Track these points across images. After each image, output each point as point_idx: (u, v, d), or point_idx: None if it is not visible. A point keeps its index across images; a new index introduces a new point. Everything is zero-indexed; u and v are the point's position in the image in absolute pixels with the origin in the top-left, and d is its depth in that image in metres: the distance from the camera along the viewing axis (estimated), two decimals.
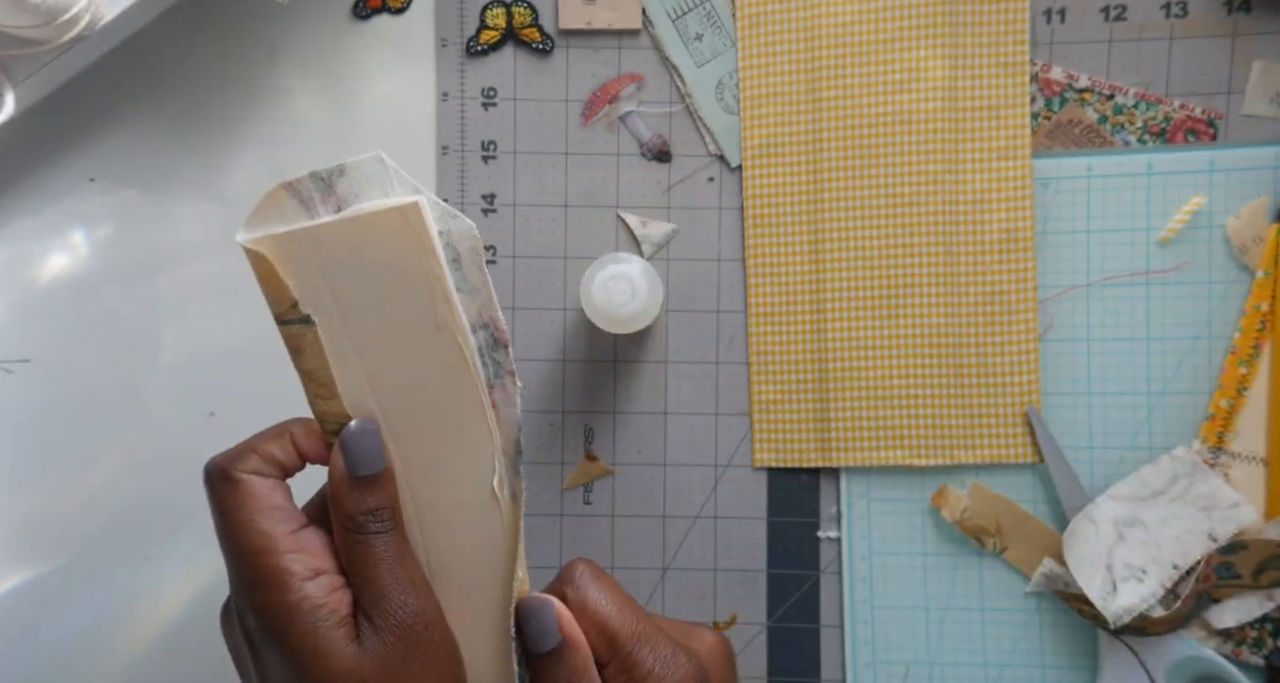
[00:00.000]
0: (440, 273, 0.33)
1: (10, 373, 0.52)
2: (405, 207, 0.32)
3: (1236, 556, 0.47)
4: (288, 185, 0.32)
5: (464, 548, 0.35)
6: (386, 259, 0.32)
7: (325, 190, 0.33)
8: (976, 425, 0.50)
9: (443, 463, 0.34)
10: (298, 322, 0.33)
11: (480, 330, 0.34)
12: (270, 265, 0.32)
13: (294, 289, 0.32)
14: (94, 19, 0.45)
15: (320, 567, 0.33)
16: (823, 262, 0.51)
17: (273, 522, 0.33)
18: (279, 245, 0.32)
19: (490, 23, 0.52)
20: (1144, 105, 0.50)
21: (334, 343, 0.33)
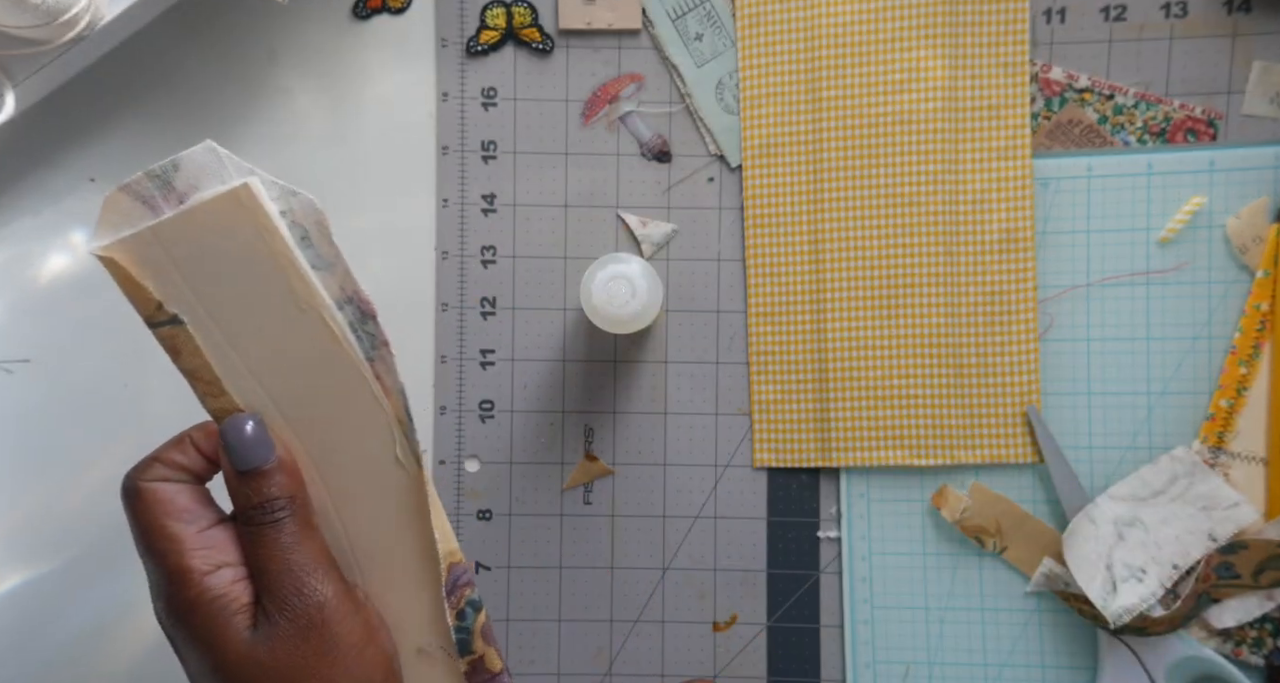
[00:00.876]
0: (289, 251, 0.32)
1: (10, 373, 0.52)
2: (237, 190, 0.32)
3: (1236, 555, 0.47)
4: (125, 187, 0.32)
5: (379, 518, 0.35)
6: (234, 246, 0.32)
7: (165, 188, 0.32)
8: (976, 425, 0.50)
9: (341, 441, 0.34)
10: (167, 323, 0.33)
11: (346, 305, 0.34)
12: (125, 270, 0.32)
13: (154, 290, 0.32)
14: (94, 19, 0.45)
15: (224, 560, 0.34)
16: (823, 262, 0.51)
17: (179, 524, 0.35)
18: (128, 249, 0.32)
19: (490, 23, 0.52)
20: (1144, 105, 0.50)
21: (208, 339, 0.33)
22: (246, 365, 0.34)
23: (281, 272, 0.33)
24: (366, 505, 0.35)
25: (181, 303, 0.33)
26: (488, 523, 0.52)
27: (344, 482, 0.35)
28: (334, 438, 0.34)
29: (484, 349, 0.52)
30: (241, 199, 0.32)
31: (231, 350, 0.33)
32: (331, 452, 0.34)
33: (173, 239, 0.32)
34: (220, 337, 0.33)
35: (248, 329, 0.33)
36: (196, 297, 0.33)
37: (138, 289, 0.33)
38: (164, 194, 0.32)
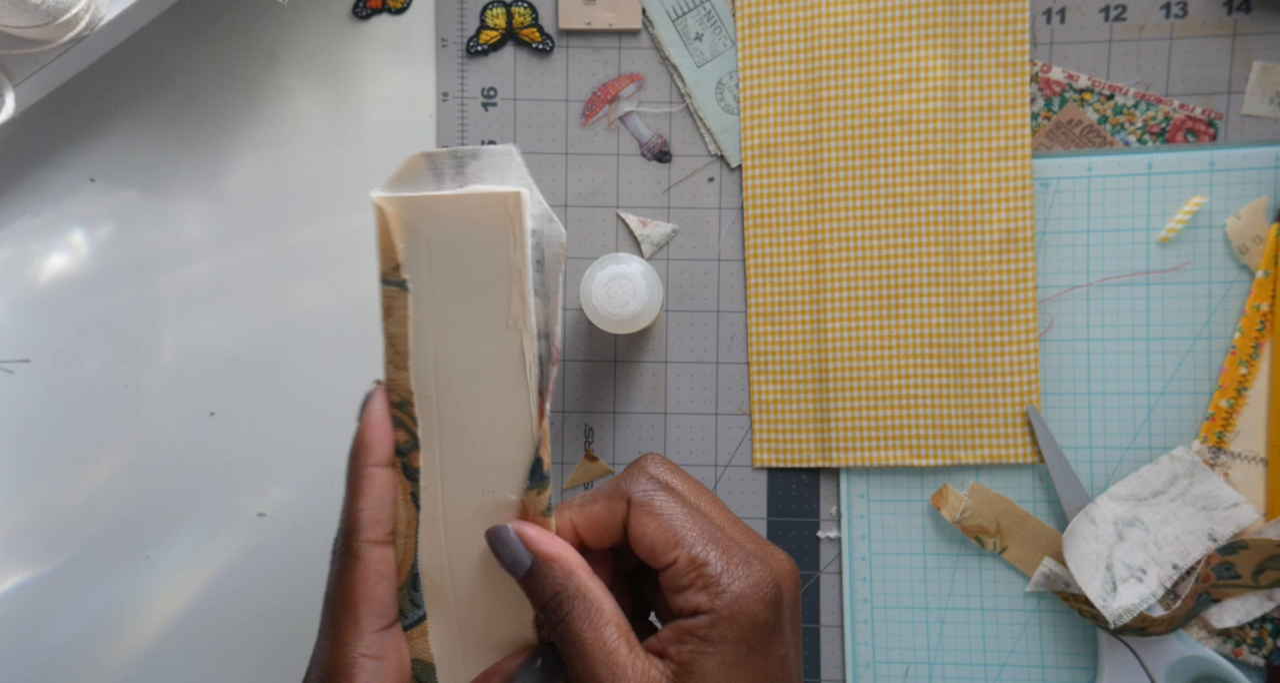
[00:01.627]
0: (524, 269, 0.33)
1: (10, 373, 0.52)
2: (508, 194, 0.33)
3: (1236, 556, 0.47)
4: (427, 154, 0.34)
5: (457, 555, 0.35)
6: (482, 244, 0.33)
7: (457, 169, 0.34)
8: (976, 425, 0.50)
9: (477, 462, 0.34)
10: (396, 284, 0.34)
11: (541, 339, 0.34)
12: (388, 222, 0.33)
13: (401, 252, 0.33)
14: (94, 19, 0.45)
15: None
16: (823, 262, 0.51)
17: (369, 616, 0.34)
18: (402, 206, 0.33)
19: (490, 23, 0.52)
20: (1144, 105, 0.50)
21: (419, 315, 0.34)
22: (435, 353, 0.34)
23: (508, 284, 0.33)
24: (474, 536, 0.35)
25: (416, 273, 0.34)
26: None
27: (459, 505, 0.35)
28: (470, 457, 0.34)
29: None
30: (508, 204, 0.33)
31: (430, 333, 0.34)
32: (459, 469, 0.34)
33: (438, 214, 0.33)
34: (429, 317, 0.34)
35: (454, 322, 0.34)
36: (429, 273, 0.34)
37: (390, 243, 0.34)
38: (454, 174, 0.34)
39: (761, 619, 0.31)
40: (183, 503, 0.53)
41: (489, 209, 0.33)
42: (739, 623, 0.31)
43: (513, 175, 0.34)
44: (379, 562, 0.34)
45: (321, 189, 0.52)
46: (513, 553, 0.33)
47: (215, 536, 0.53)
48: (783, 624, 0.32)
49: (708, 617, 0.31)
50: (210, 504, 0.53)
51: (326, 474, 0.52)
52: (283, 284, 0.52)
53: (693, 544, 0.32)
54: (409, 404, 0.34)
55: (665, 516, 0.33)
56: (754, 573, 0.31)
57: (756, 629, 0.31)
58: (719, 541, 0.32)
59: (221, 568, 0.53)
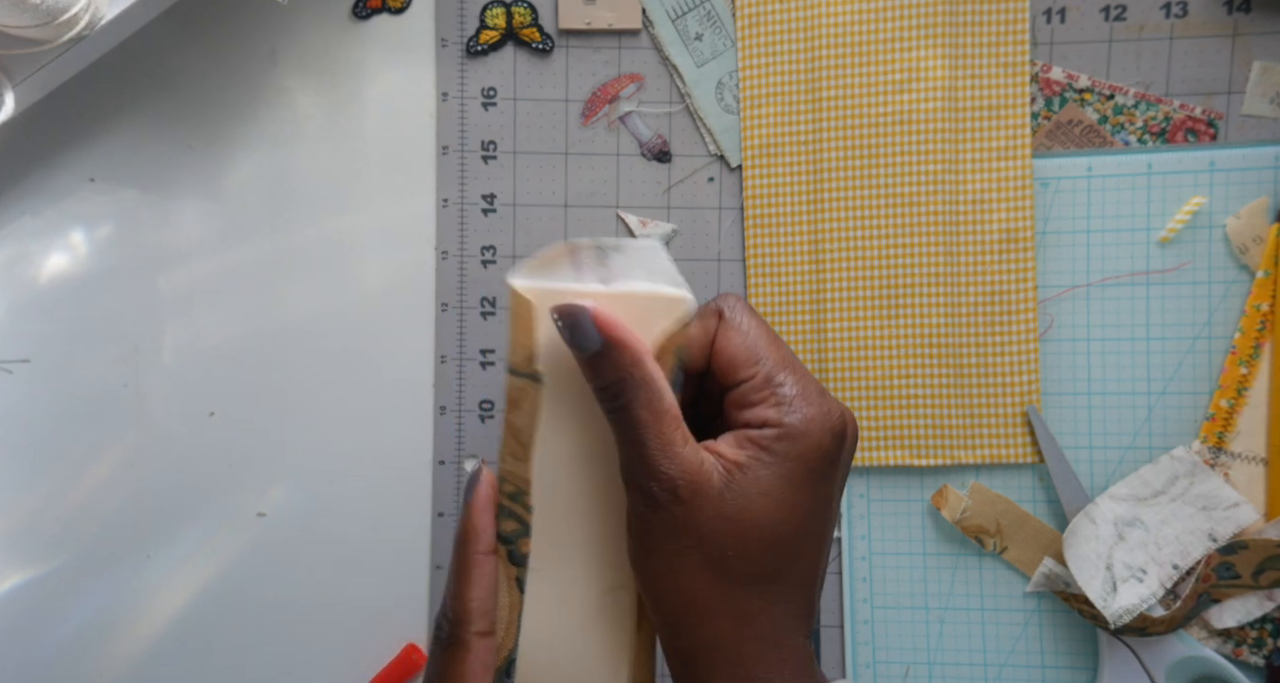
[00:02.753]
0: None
1: (10, 373, 0.52)
2: (674, 298, 0.32)
3: (1236, 556, 0.47)
4: (570, 246, 0.33)
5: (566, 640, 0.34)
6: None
7: (599, 261, 0.33)
8: (976, 425, 0.50)
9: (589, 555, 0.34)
10: (528, 376, 0.33)
11: None
12: (531, 313, 0.32)
13: (539, 345, 0.32)
14: (94, 19, 0.45)
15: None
16: (823, 262, 0.51)
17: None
18: (544, 297, 0.32)
19: (490, 23, 0.52)
20: (1144, 105, 0.50)
21: (549, 410, 0.33)
22: (560, 447, 0.33)
23: None
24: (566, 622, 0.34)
25: (552, 367, 0.33)
26: None
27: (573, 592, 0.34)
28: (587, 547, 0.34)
29: (484, 349, 0.52)
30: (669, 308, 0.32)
31: (550, 432, 0.33)
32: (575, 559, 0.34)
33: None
34: (560, 412, 0.33)
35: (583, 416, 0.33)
36: (564, 371, 0.33)
37: (527, 335, 0.33)
38: (595, 265, 0.33)
39: (825, 446, 0.31)
40: (183, 503, 0.53)
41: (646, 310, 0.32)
42: (803, 443, 0.31)
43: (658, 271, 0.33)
44: (485, 653, 0.34)
45: (321, 189, 0.52)
46: (584, 331, 0.32)
47: (215, 536, 0.53)
48: (840, 460, 0.32)
49: (775, 430, 0.31)
50: (210, 504, 0.53)
51: (326, 474, 0.52)
52: (283, 284, 0.52)
53: (773, 364, 0.32)
54: (524, 494, 0.34)
55: (751, 334, 0.33)
56: (826, 403, 0.32)
57: (818, 454, 0.31)
58: (796, 368, 0.32)
59: (221, 568, 0.53)
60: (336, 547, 0.53)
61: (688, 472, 0.31)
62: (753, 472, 0.31)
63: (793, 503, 0.31)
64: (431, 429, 0.52)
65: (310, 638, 0.53)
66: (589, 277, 0.33)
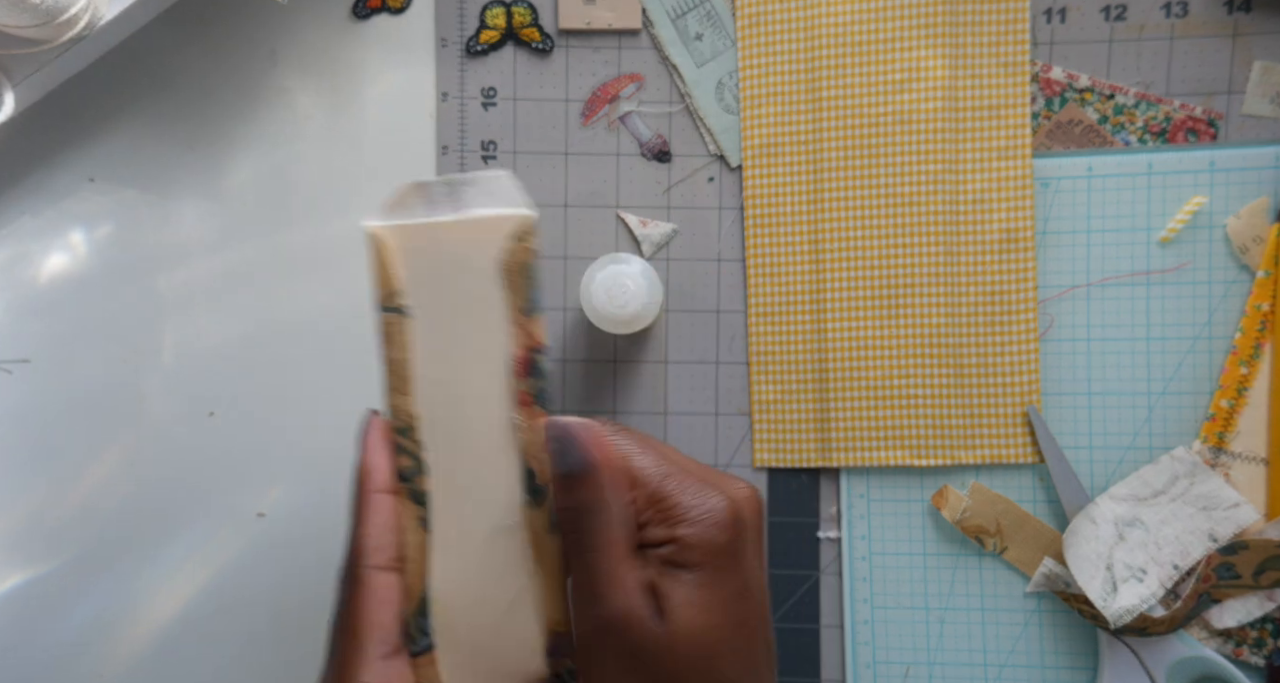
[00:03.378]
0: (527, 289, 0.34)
1: (10, 373, 0.52)
2: (519, 216, 0.33)
3: (1237, 556, 0.47)
4: (419, 185, 0.34)
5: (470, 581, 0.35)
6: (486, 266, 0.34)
7: (452, 196, 0.34)
8: (976, 425, 0.50)
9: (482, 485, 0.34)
10: (394, 310, 0.34)
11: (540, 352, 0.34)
12: (385, 251, 0.34)
13: (399, 279, 0.34)
14: (94, 19, 0.45)
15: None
16: (823, 262, 0.51)
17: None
18: (401, 234, 0.34)
19: (490, 23, 0.52)
20: (1144, 105, 0.50)
21: (420, 341, 0.34)
22: (439, 380, 0.34)
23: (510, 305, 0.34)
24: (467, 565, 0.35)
25: (418, 299, 0.34)
26: None
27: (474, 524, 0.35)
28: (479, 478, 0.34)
29: None
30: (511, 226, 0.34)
31: (434, 360, 0.34)
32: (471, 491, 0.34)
33: (438, 241, 0.34)
34: (432, 343, 0.34)
35: (456, 344, 0.34)
36: (431, 300, 0.34)
37: (387, 272, 0.34)
38: (449, 200, 0.34)
39: (721, 543, 0.32)
40: (183, 503, 0.53)
41: (491, 231, 0.33)
42: (699, 549, 0.32)
43: (508, 198, 0.34)
44: (383, 588, 0.34)
45: (321, 189, 0.52)
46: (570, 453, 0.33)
47: (215, 536, 0.53)
48: (743, 546, 0.33)
49: (672, 547, 0.32)
50: (210, 504, 0.53)
51: (326, 474, 0.52)
52: (283, 284, 0.52)
53: (648, 481, 0.33)
54: (413, 429, 0.34)
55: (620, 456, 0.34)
56: (709, 501, 0.33)
57: (719, 553, 0.32)
58: (672, 474, 0.33)
59: (221, 568, 0.53)
60: (336, 547, 0.53)
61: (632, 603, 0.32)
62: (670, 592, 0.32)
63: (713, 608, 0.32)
64: None
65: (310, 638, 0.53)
66: (442, 210, 0.34)
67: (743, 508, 0.33)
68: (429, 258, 0.34)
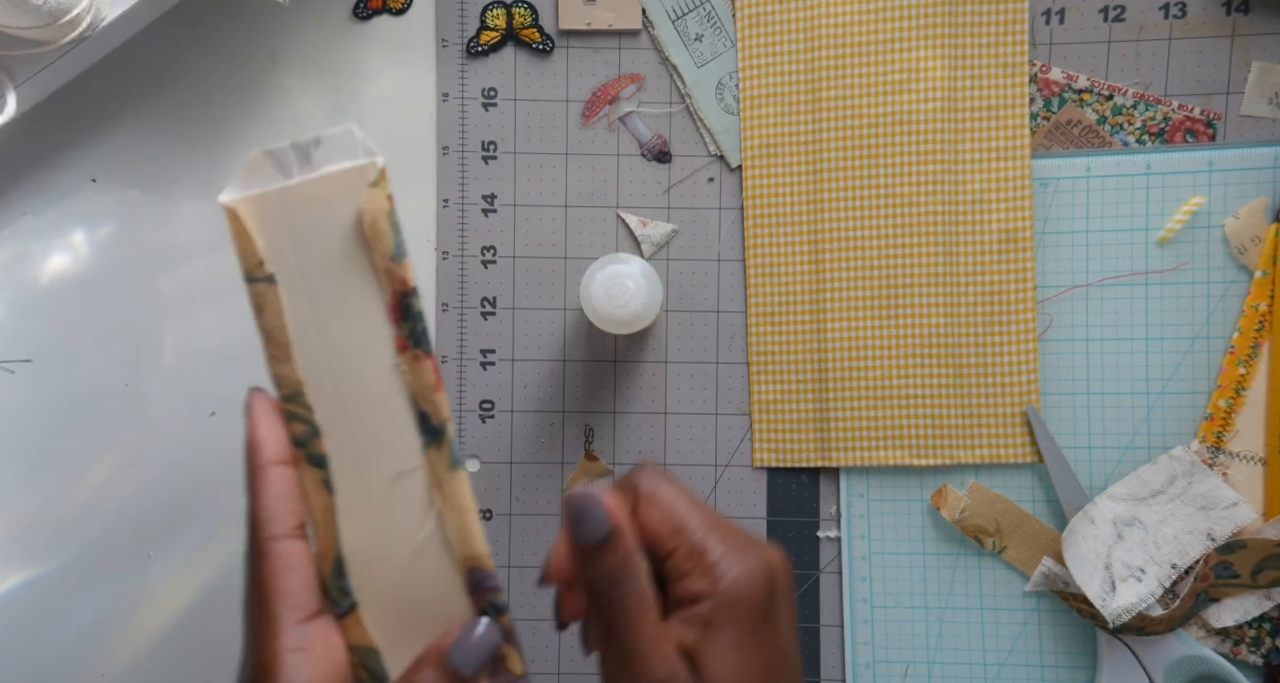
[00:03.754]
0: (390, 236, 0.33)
1: (11, 373, 0.53)
2: (365, 166, 0.33)
3: (1235, 555, 0.48)
4: (269, 152, 0.34)
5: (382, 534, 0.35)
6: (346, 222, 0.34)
7: (303, 158, 0.34)
8: (976, 425, 0.50)
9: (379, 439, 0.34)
10: (262, 280, 0.34)
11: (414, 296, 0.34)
12: (242, 223, 0.34)
13: (261, 248, 0.34)
14: (95, 20, 0.45)
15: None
16: (823, 262, 0.51)
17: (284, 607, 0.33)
18: (254, 204, 0.34)
19: (490, 23, 0.52)
20: (1143, 106, 0.50)
21: (294, 305, 0.34)
22: (321, 341, 0.34)
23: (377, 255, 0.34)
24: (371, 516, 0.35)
25: (283, 265, 0.34)
26: (488, 523, 0.53)
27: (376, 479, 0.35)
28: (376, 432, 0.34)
29: (484, 349, 0.53)
30: (365, 175, 0.33)
31: (312, 322, 0.34)
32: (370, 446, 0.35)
33: (294, 205, 0.34)
34: (306, 306, 0.34)
35: (332, 303, 0.34)
36: (298, 264, 0.34)
37: (248, 243, 0.34)
38: (300, 164, 0.34)
39: (759, 601, 0.33)
40: (183, 503, 0.53)
41: (345, 185, 0.33)
42: (739, 606, 0.32)
43: (359, 151, 0.34)
44: (285, 555, 0.34)
45: None
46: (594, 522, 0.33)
47: (216, 535, 0.53)
48: (779, 609, 0.33)
49: (709, 602, 0.32)
50: (210, 504, 0.53)
51: None
52: None
53: (694, 532, 0.33)
54: (301, 395, 0.34)
55: (669, 505, 0.34)
56: (749, 558, 0.33)
57: (755, 611, 0.32)
58: (718, 528, 0.33)
59: (222, 567, 0.53)
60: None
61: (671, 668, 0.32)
62: (705, 651, 0.32)
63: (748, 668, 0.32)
64: None
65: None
66: (298, 174, 0.34)
67: (778, 570, 0.34)
68: (287, 222, 0.34)
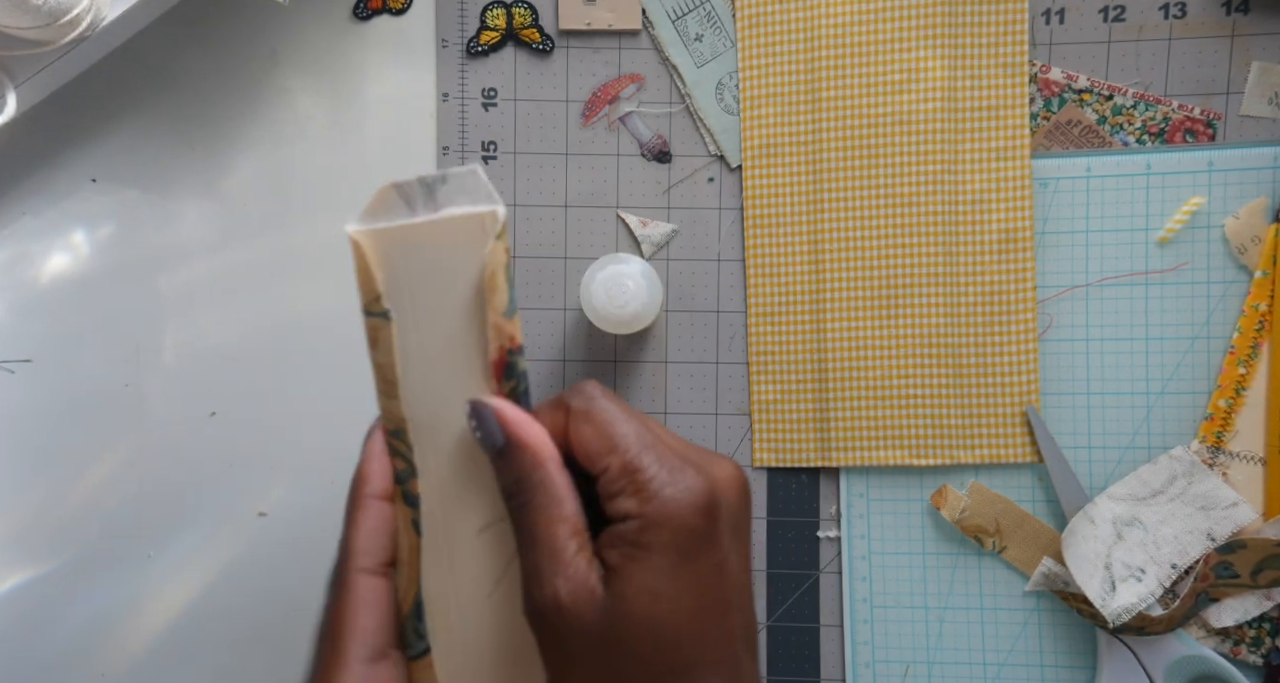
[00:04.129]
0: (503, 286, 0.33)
1: (11, 373, 0.53)
2: (484, 214, 0.33)
3: (1235, 555, 0.48)
4: (397, 185, 0.34)
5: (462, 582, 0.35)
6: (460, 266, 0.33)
7: (428, 195, 0.34)
8: (976, 425, 0.50)
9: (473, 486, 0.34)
10: (379, 314, 0.34)
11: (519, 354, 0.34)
12: (366, 256, 0.34)
13: (381, 282, 0.34)
14: (95, 20, 0.45)
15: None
16: (823, 262, 0.51)
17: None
18: (378, 238, 0.34)
19: (490, 23, 0.52)
20: (1143, 106, 0.50)
21: (405, 344, 0.34)
22: (425, 384, 0.34)
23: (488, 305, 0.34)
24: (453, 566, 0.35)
25: (398, 303, 0.34)
26: None
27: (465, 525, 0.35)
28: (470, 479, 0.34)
29: None
30: (485, 224, 0.33)
31: (420, 363, 0.34)
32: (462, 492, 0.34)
33: (417, 243, 0.34)
34: (415, 346, 0.34)
35: (440, 346, 0.34)
36: (412, 303, 0.34)
37: (369, 276, 0.34)
38: (425, 200, 0.34)
39: (692, 525, 0.31)
40: (183, 503, 0.53)
41: (466, 231, 0.33)
42: (667, 528, 0.30)
43: (481, 194, 0.34)
44: (367, 591, 0.33)
45: (322, 189, 0.52)
46: (488, 430, 0.32)
47: (215, 535, 0.53)
48: (718, 532, 0.31)
49: (636, 522, 0.30)
50: (210, 504, 0.53)
51: (327, 474, 0.52)
52: (283, 284, 0.53)
53: (626, 450, 0.31)
54: (404, 432, 0.34)
55: (602, 421, 0.32)
56: (686, 479, 0.31)
57: (687, 535, 0.31)
58: (653, 447, 0.32)
59: (222, 568, 0.53)
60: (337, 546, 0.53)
61: (573, 584, 0.30)
62: (626, 572, 0.30)
63: (674, 593, 0.30)
64: None
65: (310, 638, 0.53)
66: (421, 211, 0.34)
67: (722, 489, 0.31)
68: (406, 261, 0.34)
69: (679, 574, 0.30)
